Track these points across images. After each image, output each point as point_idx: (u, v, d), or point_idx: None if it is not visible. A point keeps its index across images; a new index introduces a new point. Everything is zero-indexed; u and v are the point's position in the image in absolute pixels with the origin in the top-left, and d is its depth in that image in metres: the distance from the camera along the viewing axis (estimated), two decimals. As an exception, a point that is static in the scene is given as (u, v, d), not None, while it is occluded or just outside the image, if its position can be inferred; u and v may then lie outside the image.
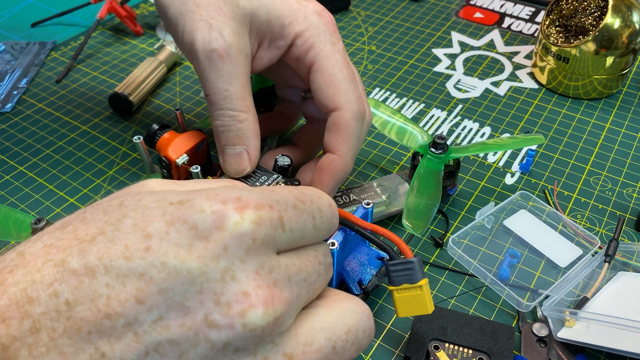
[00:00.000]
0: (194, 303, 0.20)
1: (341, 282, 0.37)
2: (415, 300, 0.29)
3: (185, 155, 0.41)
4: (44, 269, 0.19)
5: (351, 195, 0.43)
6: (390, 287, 0.30)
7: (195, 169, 0.39)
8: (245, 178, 0.40)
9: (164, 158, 0.41)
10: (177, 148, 0.41)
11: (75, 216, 0.22)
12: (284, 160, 0.42)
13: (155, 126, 0.42)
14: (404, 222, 0.41)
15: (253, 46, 0.36)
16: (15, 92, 0.58)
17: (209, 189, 0.22)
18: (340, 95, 0.35)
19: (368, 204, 0.36)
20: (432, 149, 0.42)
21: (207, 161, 0.44)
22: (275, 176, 0.40)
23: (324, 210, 0.25)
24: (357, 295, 0.36)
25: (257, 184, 0.40)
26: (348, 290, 0.36)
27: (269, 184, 0.40)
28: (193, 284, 0.20)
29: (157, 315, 0.19)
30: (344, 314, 0.25)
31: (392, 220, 0.44)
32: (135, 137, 0.41)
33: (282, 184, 0.40)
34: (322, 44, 0.36)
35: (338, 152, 0.36)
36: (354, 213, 0.35)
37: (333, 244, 0.34)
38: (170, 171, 0.41)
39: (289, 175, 0.42)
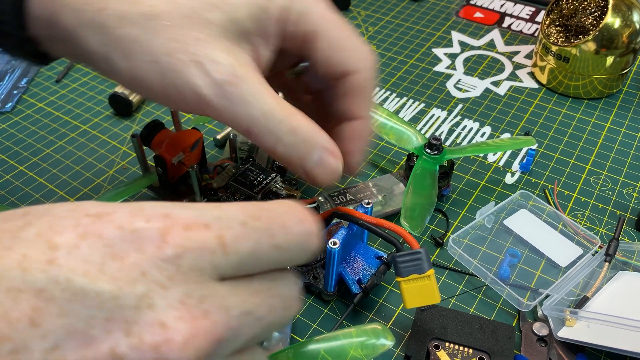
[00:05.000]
0: (99, 332, 0.17)
1: (340, 281, 0.37)
2: (423, 290, 0.30)
3: (180, 153, 0.41)
4: None
5: (348, 195, 0.43)
6: (398, 279, 0.30)
7: (192, 167, 0.39)
8: (243, 177, 0.40)
9: (158, 156, 0.41)
10: (172, 147, 0.41)
11: None
12: None
13: (151, 124, 0.42)
14: (402, 221, 0.41)
15: (251, 53, 0.30)
16: (15, 92, 0.58)
17: (137, 203, 0.19)
18: (353, 56, 0.31)
19: (368, 203, 0.36)
20: (427, 150, 0.42)
21: (202, 160, 0.44)
22: (273, 175, 0.40)
23: (290, 226, 0.21)
24: (356, 294, 0.36)
25: (255, 182, 0.40)
26: (347, 288, 0.36)
27: (267, 183, 0.40)
28: (101, 309, 0.17)
29: (53, 344, 0.16)
30: None
31: (389, 220, 0.44)
32: (132, 135, 0.41)
33: (279, 183, 0.40)
34: (314, 8, 0.30)
35: (363, 116, 0.32)
36: None
37: (334, 243, 0.34)
38: (166, 170, 0.41)
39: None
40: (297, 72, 0.36)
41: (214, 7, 0.28)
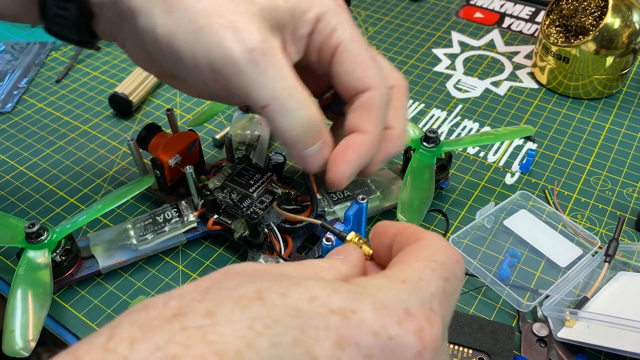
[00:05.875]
0: None
1: None
2: None
3: (177, 155, 0.41)
4: None
5: (345, 191, 0.43)
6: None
7: (189, 169, 0.39)
8: (239, 176, 0.40)
9: (156, 159, 0.41)
10: (169, 149, 0.41)
11: (185, 294, 0.18)
12: (277, 158, 0.42)
13: (147, 127, 0.42)
14: (399, 216, 0.41)
15: (280, 42, 0.31)
16: (15, 92, 0.58)
17: (370, 293, 0.19)
18: (370, 75, 0.32)
19: (363, 198, 0.36)
20: (424, 143, 0.42)
21: (200, 161, 0.44)
22: (269, 173, 0.41)
23: (460, 275, 0.22)
24: None
25: (252, 181, 0.40)
26: None
27: (263, 182, 0.40)
28: None
29: None
30: None
31: (387, 215, 0.44)
32: (129, 139, 0.41)
33: (275, 181, 0.40)
34: (344, 25, 0.32)
35: (368, 132, 0.33)
36: (348, 209, 0.35)
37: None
38: (163, 172, 0.41)
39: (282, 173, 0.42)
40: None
41: None
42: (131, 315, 0.17)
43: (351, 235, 0.27)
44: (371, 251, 0.26)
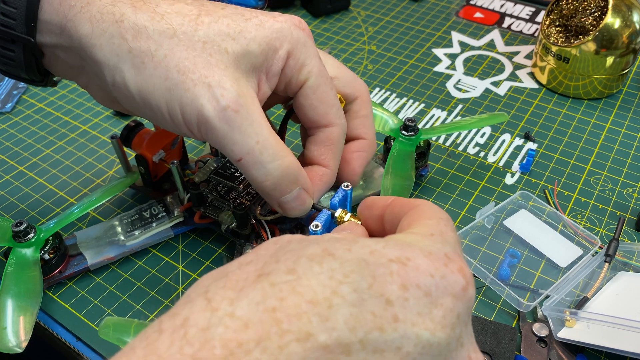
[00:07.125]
0: None
1: None
2: None
3: (161, 151, 0.41)
4: (287, 346, 0.17)
5: None
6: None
7: (173, 164, 0.39)
8: (224, 169, 0.41)
9: (140, 155, 0.41)
10: (153, 145, 0.41)
11: (255, 260, 0.21)
12: None
13: (130, 125, 0.42)
14: None
15: (254, 86, 0.32)
16: (15, 92, 0.58)
17: (413, 244, 0.21)
18: (333, 112, 0.35)
19: (347, 186, 0.36)
20: (403, 132, 0.43)
21: (184, 156, 0.45)
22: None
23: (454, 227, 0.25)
24: None
25: (237, 174, 0.40)
26: None
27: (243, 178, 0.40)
28: (439, 356, 0.20)
29: None
30: None
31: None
32: (111, 137, 0.42)
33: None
34: (312, 60, 0.33)
35: (329, 166, 0.36)
36: (333, 196, 0.35)
37: (316, 226, 0.33)
38: (148, 168, 0.42)
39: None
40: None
41: (229, 38, 0.30)
42: (217, 282, 0.20)
43: (339, 212, 0.31)
44: (360, 222, 0.30)
